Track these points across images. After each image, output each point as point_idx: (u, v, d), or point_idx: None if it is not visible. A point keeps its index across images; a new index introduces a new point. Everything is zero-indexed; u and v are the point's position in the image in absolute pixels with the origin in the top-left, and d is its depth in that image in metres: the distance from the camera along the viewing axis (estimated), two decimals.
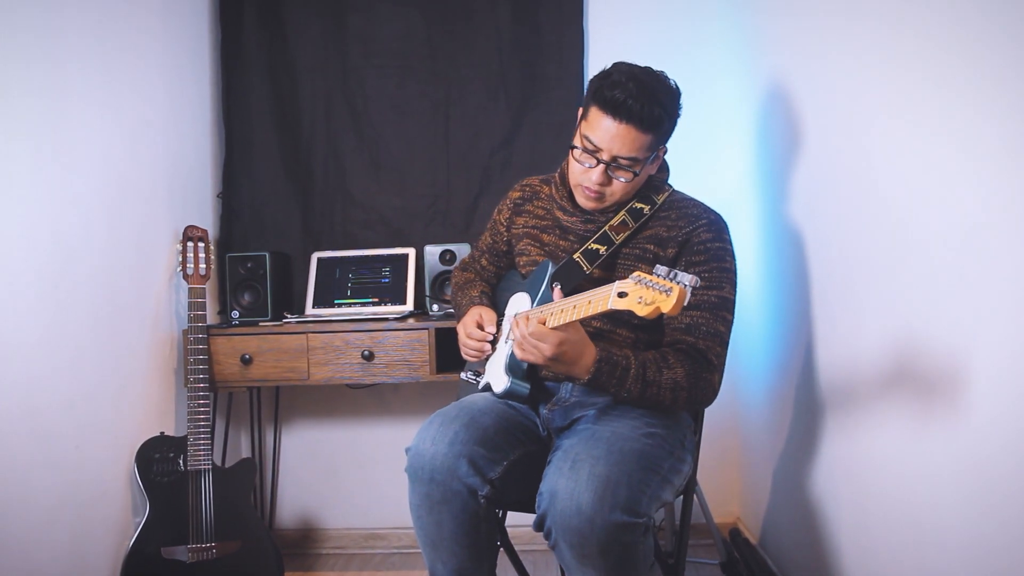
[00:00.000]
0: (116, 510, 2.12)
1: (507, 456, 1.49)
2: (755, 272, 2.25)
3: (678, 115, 1.52)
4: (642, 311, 1.18)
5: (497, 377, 1.61)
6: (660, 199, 1.59)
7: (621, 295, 1.22)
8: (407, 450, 1.49)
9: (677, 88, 1.52)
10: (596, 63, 2.57)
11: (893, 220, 1.35)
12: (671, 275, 1.17)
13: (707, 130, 2.51)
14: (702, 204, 1.60)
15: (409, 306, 2.46)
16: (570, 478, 1.32)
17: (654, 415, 1.51)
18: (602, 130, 1.47)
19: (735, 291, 1.55)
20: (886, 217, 1.37)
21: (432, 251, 2.45)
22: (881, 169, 1.39)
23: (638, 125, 1.45)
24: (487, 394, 1.66)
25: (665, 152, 1.59)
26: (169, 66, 2.41)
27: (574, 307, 1.34)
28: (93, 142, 2.05)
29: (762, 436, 2.31)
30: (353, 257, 2.55)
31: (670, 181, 1.67)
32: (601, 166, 1.50)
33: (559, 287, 1.49)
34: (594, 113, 1.48)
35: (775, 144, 2.03)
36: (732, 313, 1.54)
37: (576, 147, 1.53)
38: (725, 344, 1.52)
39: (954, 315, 1.16)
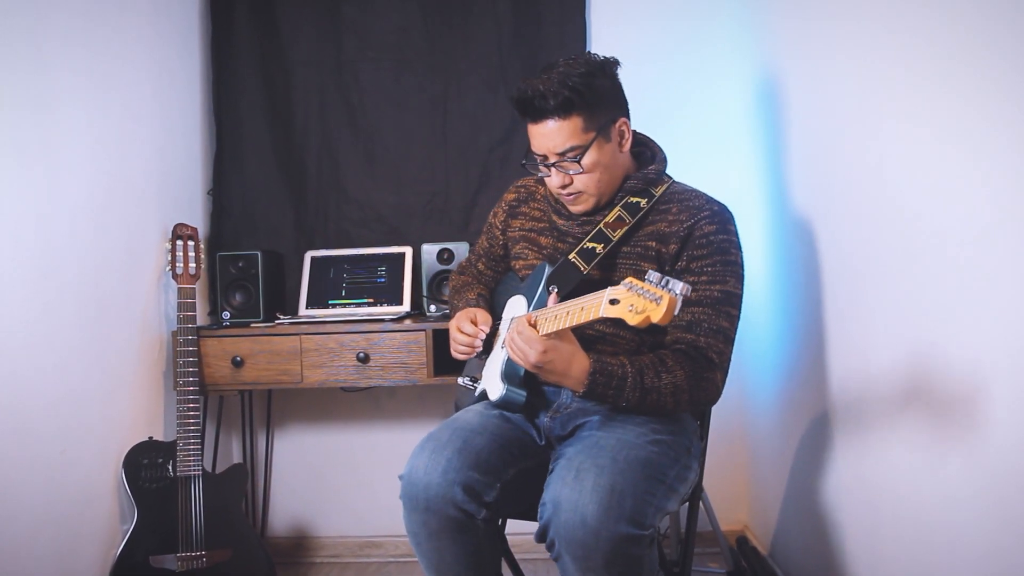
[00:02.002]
0: (103, 517, 2.11)
1: (502, 477, 1.49)
2: (763, 272, 2.25)
3: (602, 86, 1.49)
4: (632, 319, 1.18)
5: (493, 384, 1.61)
6: (658, 192, 1.57)
7: (613, 302, 1.23)
8: (400, 477, 1.49)
9: (599, 60, 1.51)
10: None
11: (905, 220, 1.35)
12: (663, 282, 1.17)
13: (713, 126, 2.52)
14: (705, 194, 1.58)
15: (406, 307, 2.45)
16: (574, 488, 1.32)
17: (659, 421, 1.51)
18: (533, 137, 1.53)
19: (741, 284, 1.54)
20: (897, 217, 1.37)
21: (429, 250, 2.45)
22: (892, 168, 1.39)
23: (553, 114, 1.47)
24: (480, 408, 1.65)
25: (627, 126, 1.55)
26: (158, 59, 2.41)
27: (567, 313, 1.34)
28: (79, 138, 2.04)
29: (771, 441, 2.31)
30: (348, 256, 2.55)
31: (670, 172, 1.65)
32: (553, 169, 1.53)
33: (555, 291, 1.48)
34: (528, 127, 1.53)
35: (783, 142, 2.03)
36: (738, 308, 1.52)
37: (532, 165, 1.57)
38: (729, 340, 1.51)
39: (968, 318, 1.16)
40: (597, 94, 1.48)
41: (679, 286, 1.15)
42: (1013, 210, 1.04)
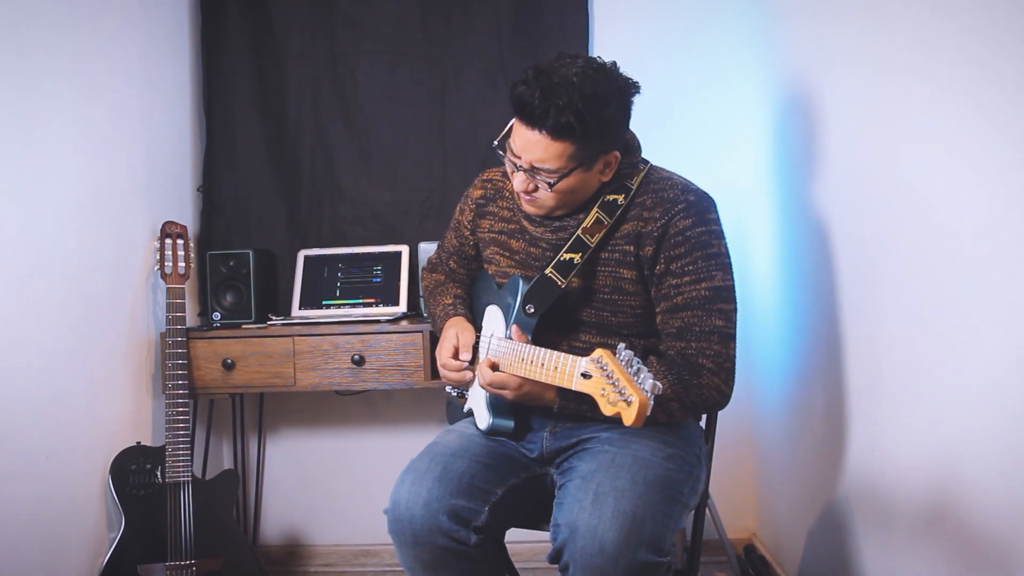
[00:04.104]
0: (89, 525, 2.11)
1: (489, 499, 1.48)
2: (772, 271, 2.25)
3: (611, 118, 1.39)
4: (606, 410, 1.18)
5: (479, 412, 1.60)
6: (635, 183, 1.50)
7: (585, 376, 1.24)
8: (385, 511, 1.49)
9: (619, 85, 1.41)
10: (601, 50, 2.57)
11: (920, 218, 1.34)
12: (634, 369, 1.16)
13: (719, 122, 2.52)
14: (681, 182, 1.51)
15: (402, 307, 2.45)
16: (592, 513, 1.31)
17: (668, 431, 1.50)
18: (518, 135, 1.43)
19: (731, 274, 1.49)
20: (913, 215, 1.37)
21: (427, 249, 2.44)
22: (908, 166, 1.39)
23: (547, 132, 1.38)
24: (462, 426, 1.65)
25: (616, 159, 1.47)
26: (146, 51, 2.41)
27: (543, 366, 1.36)
28: (65, 133, 2.04)
29: (779, 446, 2.31)
30: (342, 255, 2.55)
31: (672, 168, 1.59)
32: (521, 172, 1.45)
33: (518, 327, 1.48)
34: (515, 120, 1.44)
35: (794, 139, 2.03)
36: (731, 300, 1.48)
37: (504, 149, 1.49)
38: (727, 338, 1.46)
39: (984, 318, 1.16)
40: (602, 128, 1.39)
41: (649, 382, 1.14)
42: None
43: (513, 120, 1.45)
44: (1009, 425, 1.11)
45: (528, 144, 1.42)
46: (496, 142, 1.51)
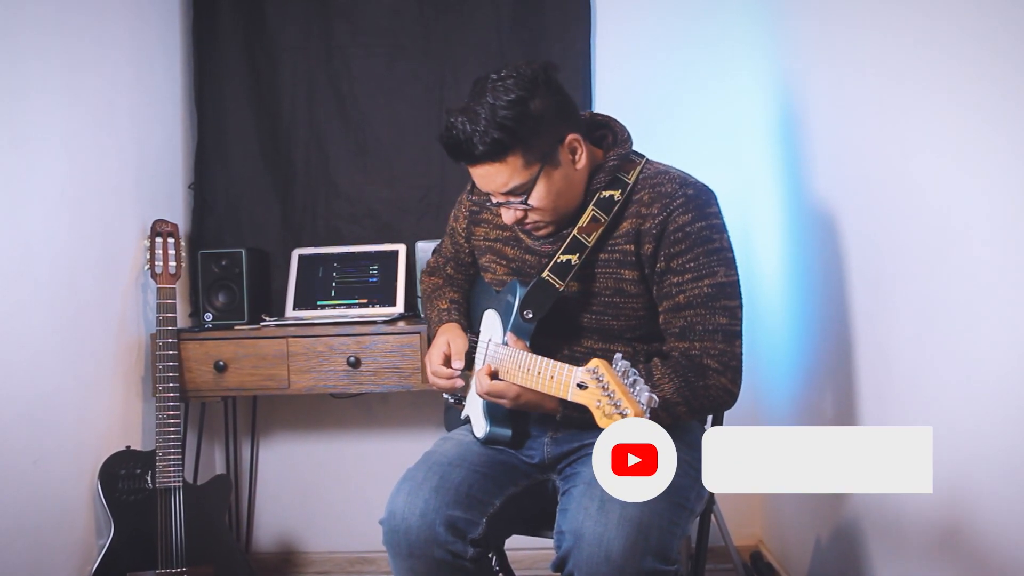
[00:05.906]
0: (78, 531, 2.11)
1: (487, 510, 1.48)
2: (779, 271, 2.25)
3: (539, 109, 1.38)
4: (602, 422, 1.17)
5: (476, 420, 1.60)
6: (631, 178, 1.49)
7: (581, 386, 1.23)
8: (381, 521, 1.49)
9: (530, 75, 1.40)
10: (603, 44, 2.58)
11: (928, 218, 1.34)
12: (630, 380, 1.16)
13: (723, 118, 2.52)
14: (679, 176, 1.49)
15: (399, 308, 2.45)
16: (598, 520, 1.31)
17: (673, 435, 1.50)
18: (473, 177, 1.48)
19: (735, 270, 1.48)
20: (921, 215, 1.37)
21: (424, 247, 2.44)
22: (919, 164, 1.38)
23: (487, 160, 1.40)
24: (459, 435, 1.64)
25: (579, 141, 1.45)
26: (136, 45, 2.41)
27: (539, 374, 1.34)
28: (53, 129, 2.04)
29: None
30: (338, 254, 2.55)
31: (673, 163, 1.58)
32: (503, 208, 1.48)
33: (513, 334, 1.48)
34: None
35: (801, 135, 2.03)
36: (736, 297, 1.47)
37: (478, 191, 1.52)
38: (732, 335, 1.46)
39: (997, 319, 1.16)
40: (534, 123, 1.38)
41: (645, 395, 1.14)
42: None
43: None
44: (1022, 430, 1.11)
45: (483, 180, 1.45)
46: (470, 197, 1.59)
